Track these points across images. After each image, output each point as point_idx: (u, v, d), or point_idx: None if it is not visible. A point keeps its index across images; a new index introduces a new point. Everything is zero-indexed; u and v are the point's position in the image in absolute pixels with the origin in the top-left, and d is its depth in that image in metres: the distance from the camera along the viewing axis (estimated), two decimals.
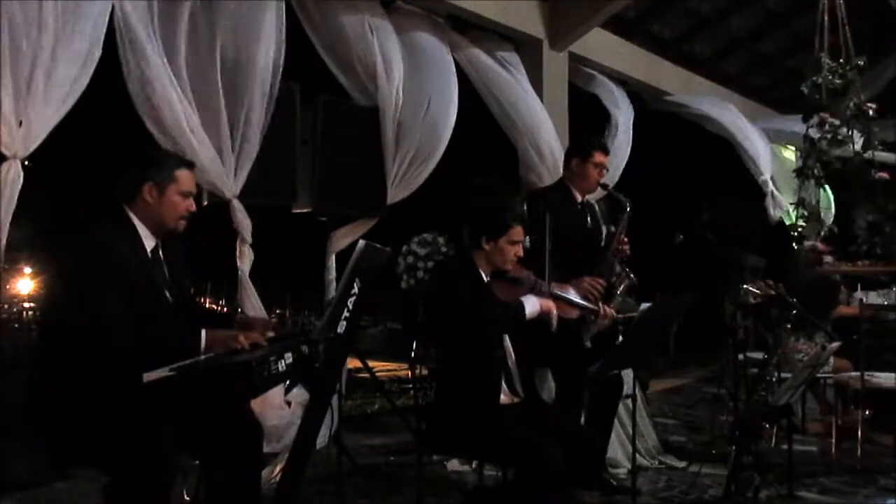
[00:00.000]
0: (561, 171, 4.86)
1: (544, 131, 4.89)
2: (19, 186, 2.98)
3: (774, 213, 6.92)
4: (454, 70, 4.66)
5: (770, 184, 6.90)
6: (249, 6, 3.70)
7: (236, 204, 3.73)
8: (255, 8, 3.71)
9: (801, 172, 6.22)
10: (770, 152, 6.94)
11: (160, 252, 2.69)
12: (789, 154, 7.56)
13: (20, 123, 2.97)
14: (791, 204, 6.60)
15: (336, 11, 4.18)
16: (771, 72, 7.63)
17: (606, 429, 4.13)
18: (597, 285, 3.82)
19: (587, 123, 5.57)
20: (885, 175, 5.97)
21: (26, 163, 3.01)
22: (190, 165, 2.78)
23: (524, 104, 4.87)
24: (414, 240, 5.63)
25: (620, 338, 3.62)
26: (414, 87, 4.41)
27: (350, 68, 4.28)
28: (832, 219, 7.47)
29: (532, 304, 3.02)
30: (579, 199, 4.18)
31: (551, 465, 2.75)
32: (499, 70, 4.90)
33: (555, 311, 3.06)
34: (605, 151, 4.24)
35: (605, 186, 4.20)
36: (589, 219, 4.17)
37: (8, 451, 3.18)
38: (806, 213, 6.27)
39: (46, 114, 3.03)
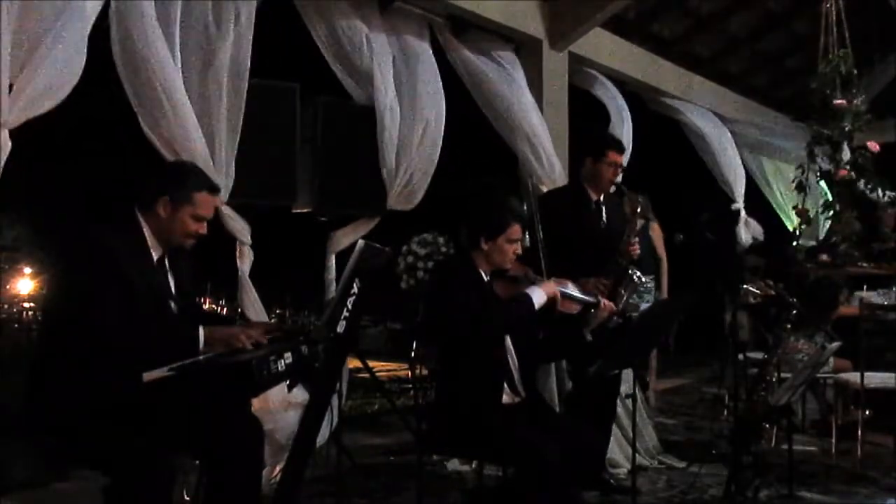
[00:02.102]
0: (558, 173, 4.87)
1: (540, 134, 4.87)
2: (5, 155, 2.84)
3: (746, 238, 6.98)
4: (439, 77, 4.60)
5: (743, 211, 7.00)
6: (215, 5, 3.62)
7: (226, 211, 3.70)
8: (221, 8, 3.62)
9: (800, 186, 6.35)
10: (744, 181, 7.05)
11: (166, 262, 2.68)
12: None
13: (10, 88, 2.83)
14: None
15: (333, 11, 4.17)
16: (771, 72, 7.61)
17: (606, 429, 4.13)
18: (600, 286, 3.80)
19: (587, 124, 5.56)
20: (845, 173, 6.03)
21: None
22: (213, 190, 2.72)
23: (520, 107, 4.84)
24: (414, 240, 5.62)
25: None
26: (409, 93, 4.38)
27: (349, 68, 4.28)
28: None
29: (539, 295, 3.05)
30: (594, 198, 4.11)
31: (551, 465, 2.75)
32: (495, 73, 4.86)
33: (558, 292, 3.10)
34: (620, 150, 4.14)
35: (617, 185, 4.13)
36: (605, 218, 4.10)
37: (8, 451, 3.18)
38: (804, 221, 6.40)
39: (39, 87, 2.90)
